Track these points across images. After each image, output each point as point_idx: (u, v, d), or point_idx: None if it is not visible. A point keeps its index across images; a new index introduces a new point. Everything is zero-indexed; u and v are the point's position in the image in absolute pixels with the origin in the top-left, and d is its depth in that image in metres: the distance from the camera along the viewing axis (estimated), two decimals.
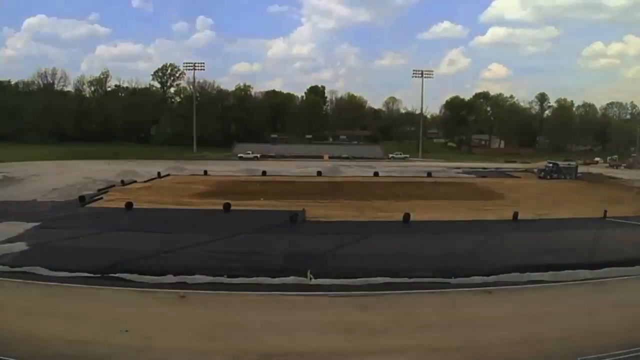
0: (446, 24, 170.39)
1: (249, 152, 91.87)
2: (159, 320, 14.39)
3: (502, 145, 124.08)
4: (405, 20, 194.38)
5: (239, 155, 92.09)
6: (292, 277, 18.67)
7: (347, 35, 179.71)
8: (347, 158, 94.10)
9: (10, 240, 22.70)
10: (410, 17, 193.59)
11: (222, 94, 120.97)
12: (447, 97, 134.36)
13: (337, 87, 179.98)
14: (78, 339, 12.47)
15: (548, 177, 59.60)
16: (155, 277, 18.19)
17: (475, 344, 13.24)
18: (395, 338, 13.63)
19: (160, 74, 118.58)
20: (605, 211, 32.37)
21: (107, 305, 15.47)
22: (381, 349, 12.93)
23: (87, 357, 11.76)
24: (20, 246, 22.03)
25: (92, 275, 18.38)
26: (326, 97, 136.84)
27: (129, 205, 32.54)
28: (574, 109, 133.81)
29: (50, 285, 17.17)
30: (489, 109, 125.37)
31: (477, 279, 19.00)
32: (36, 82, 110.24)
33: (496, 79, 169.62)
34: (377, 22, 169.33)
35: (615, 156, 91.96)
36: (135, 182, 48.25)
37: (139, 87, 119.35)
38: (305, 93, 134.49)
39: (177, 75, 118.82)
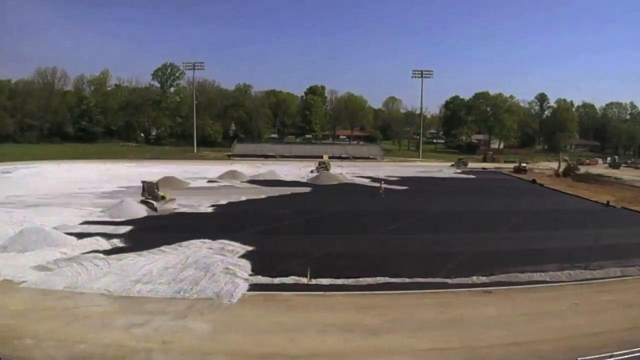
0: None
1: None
2: None
3: (502, 145, 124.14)
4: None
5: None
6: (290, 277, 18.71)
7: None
8: (347, 158, 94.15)
9: None
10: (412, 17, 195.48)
11: (221, 93, 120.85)
12: (447, 97, 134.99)
13: (337, 86, 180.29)
14: None
15: None
16: None
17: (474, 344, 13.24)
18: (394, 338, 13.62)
19: (160, 73, 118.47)
20: None
21: None
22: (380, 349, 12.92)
23: None
24: None
25: None
26: (326, 97, 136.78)
27: None
28: (573, 109, 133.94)
29: None
30: (488, 109, 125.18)
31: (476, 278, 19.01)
32: (36, 81, 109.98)
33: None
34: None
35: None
36: None
37: (139, 86, 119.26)
38: (305, 93, 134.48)
39: (177, 75, 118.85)
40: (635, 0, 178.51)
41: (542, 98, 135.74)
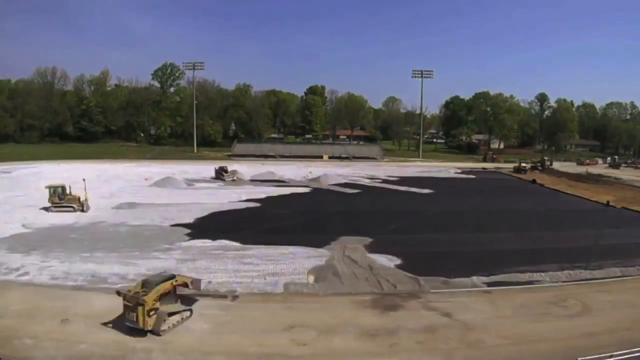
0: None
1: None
2: None
3: (502, 145, 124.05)
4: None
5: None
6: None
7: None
8: (347, 158, 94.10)
9: None
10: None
11: (221, 93, 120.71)
12: (447, 97, 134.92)
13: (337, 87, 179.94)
14: None
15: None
16: None
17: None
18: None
19: (160, 73, 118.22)
20: None
21: None
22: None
23: None
24: None
25: None
26: (326, 97, 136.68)
27: None
28: (573, 109, 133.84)
29: None
30: (488, 109, 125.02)
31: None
32: (36, 81, 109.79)
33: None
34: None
35: None
36: None
37: (139, 86, 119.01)
38: (305, 93, 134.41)
39: (177, 74, 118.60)
40: (636, 1, 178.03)
41: (542, 98, 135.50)
